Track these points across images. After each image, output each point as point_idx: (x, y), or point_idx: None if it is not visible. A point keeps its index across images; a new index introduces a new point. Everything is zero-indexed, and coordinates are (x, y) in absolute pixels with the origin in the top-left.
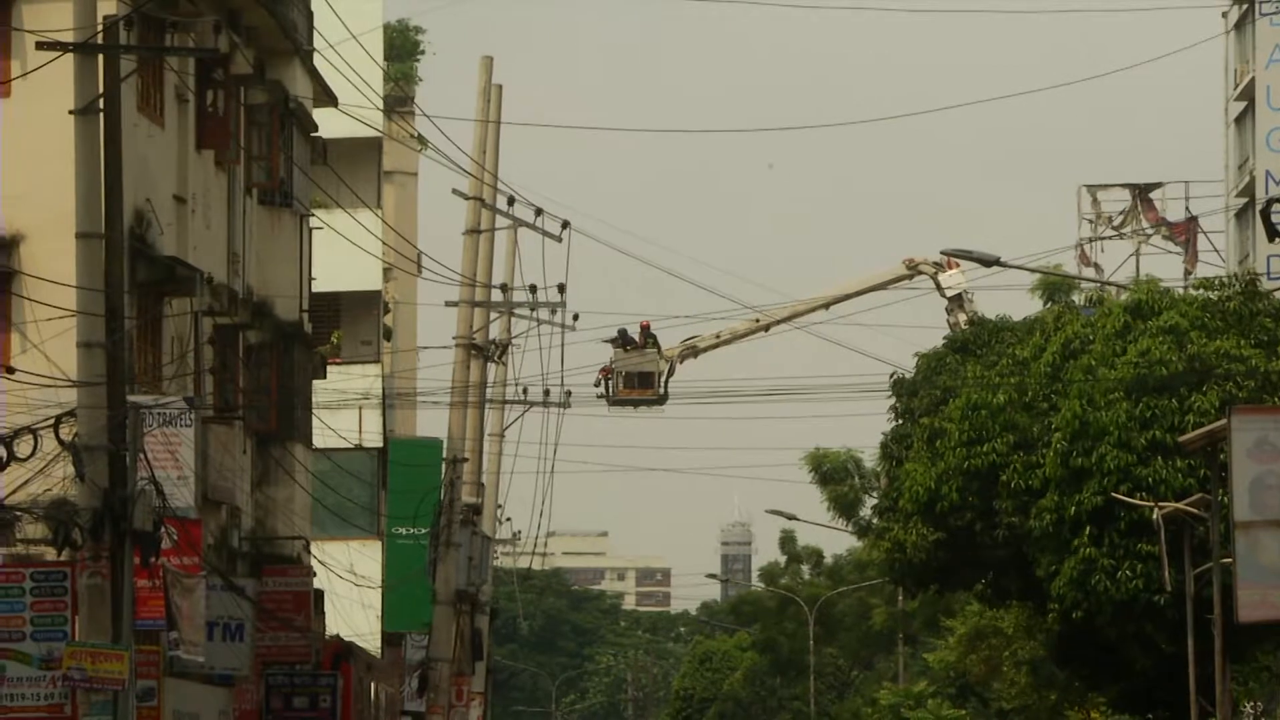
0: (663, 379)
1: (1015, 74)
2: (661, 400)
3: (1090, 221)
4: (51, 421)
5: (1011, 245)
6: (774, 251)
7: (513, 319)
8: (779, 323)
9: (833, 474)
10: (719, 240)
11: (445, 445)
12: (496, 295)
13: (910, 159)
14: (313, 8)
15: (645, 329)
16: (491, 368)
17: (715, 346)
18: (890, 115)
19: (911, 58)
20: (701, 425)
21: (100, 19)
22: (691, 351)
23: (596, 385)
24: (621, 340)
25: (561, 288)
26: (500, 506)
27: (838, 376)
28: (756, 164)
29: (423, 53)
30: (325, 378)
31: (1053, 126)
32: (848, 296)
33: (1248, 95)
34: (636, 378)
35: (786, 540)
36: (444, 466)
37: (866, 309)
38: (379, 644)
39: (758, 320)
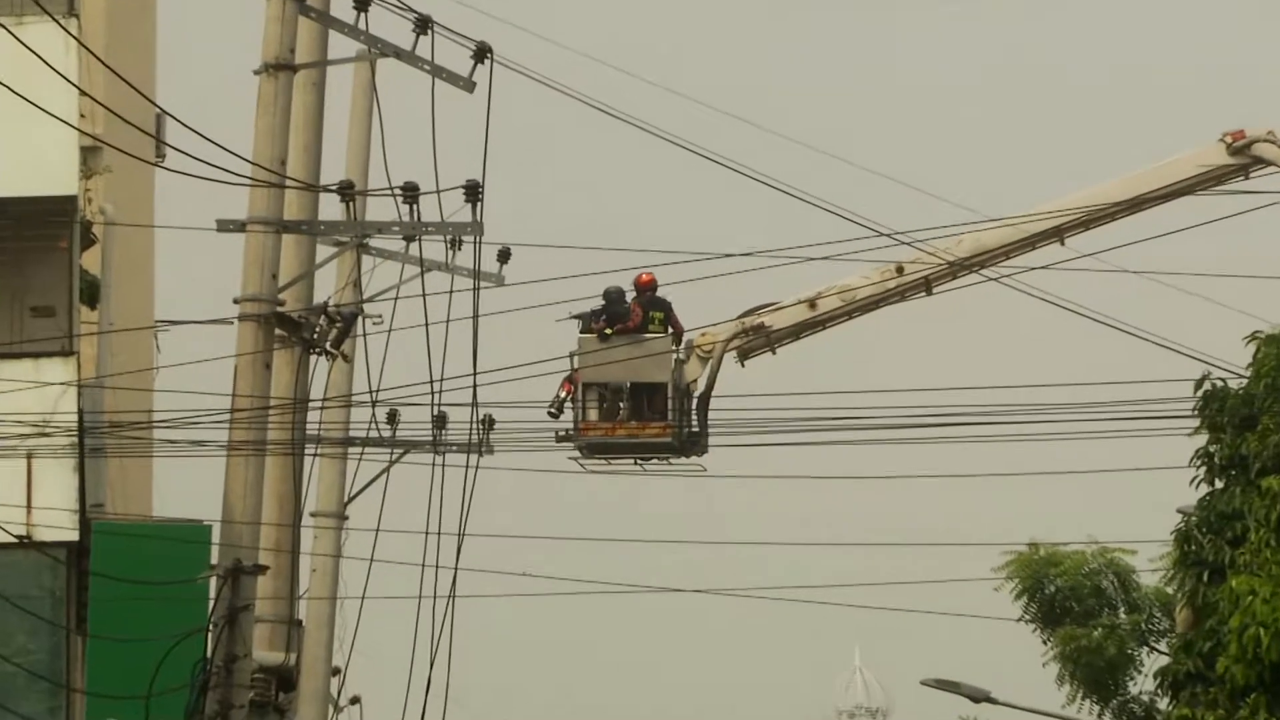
0: (693, 398)
1: None
2: (689, 446)
3: None
4: None
5: None
6: (938, 120)
7: (367, 258)
8: (953, 270)
9: (1067, 598)
10: (811, 95)
11: (216, 537)
12: (331, 209)
13: None
14: None
15: (647, 288)
16: (319, 365)
17: (809, 328)
18: None
19: None
20: (780, 494)
21: None
22: (759, 337)
23: (554, 413)
24: (604, 314)
25: (472, 191)
26: (339, 672)
27: (1077, 385)
28: None
29: None
30: None
31: None
32: (1112, 212)
33: None
34: (630, 396)
35: None
36: (214, 584)
37: (1143, 239)
38: None
39: (900, 268)
